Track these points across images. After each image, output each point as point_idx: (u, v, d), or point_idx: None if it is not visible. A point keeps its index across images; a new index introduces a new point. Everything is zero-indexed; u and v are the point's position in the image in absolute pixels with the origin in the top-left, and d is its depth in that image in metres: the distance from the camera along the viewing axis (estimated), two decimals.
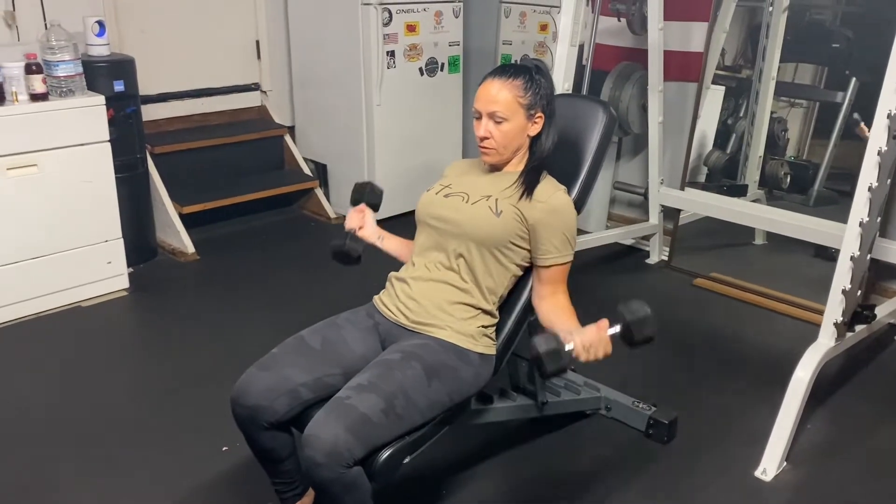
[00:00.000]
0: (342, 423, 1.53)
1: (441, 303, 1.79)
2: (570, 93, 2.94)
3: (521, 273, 1.87)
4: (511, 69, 1.82)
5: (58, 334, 2.97)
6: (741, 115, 3.78)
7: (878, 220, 2.25)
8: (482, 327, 1.81)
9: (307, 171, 4.33)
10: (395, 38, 3.89)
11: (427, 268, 1.84)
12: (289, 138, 4.37)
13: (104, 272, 3.23)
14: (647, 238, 3.76)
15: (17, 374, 2.72)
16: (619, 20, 3.70)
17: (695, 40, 3.57)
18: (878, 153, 2.11)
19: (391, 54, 3.90)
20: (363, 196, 2.00)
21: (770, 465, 2.19)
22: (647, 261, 3.72)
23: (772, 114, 3.64)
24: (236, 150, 4.16)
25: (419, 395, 1.65)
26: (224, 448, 2.24)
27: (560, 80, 2.87)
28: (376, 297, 1.92)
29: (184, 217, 3.73)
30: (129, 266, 3.33)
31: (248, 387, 1.70)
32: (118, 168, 3.22)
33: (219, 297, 3.33)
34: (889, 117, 2.09)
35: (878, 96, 2.12)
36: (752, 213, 3.35)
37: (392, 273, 1.94)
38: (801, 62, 3.71)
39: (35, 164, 2.95)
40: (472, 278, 1.81)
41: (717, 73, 3.65)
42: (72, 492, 2.12)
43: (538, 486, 2.17)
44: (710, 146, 3.77)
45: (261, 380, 1.70)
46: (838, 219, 2.27)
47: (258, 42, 4.31)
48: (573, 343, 1.57)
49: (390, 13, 3.83)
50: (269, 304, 3.23)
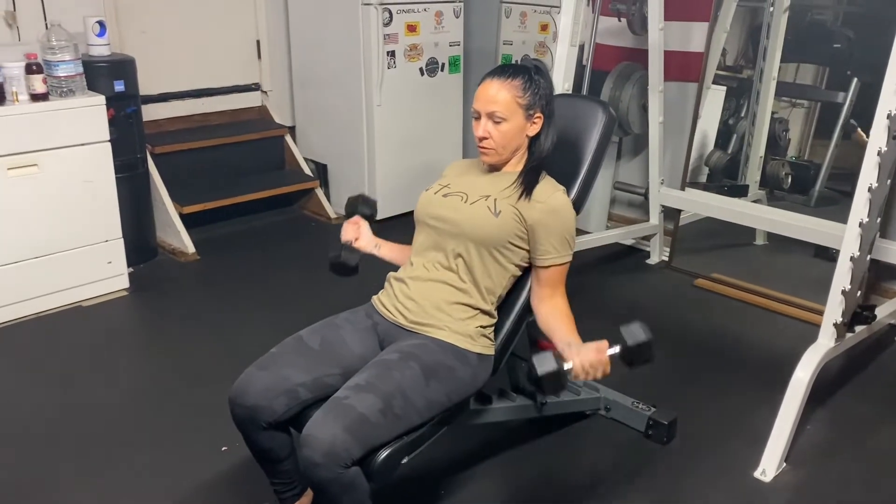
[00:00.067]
0: (340, 423, 1.53)
1: (439, 303, 1.79)
2: (570, 93, 2.94)
3: (519, 273, 1.86)
4: (510, 69, 1.82)
5: (58, 334, 2.97)
6: (742, 115, 3.77)
7: (878, 220, 2.24)
8: (480, 327, 1.81)
9: (307, 171, 4.33)
10: (395, 39, 3.89)
11: (425, 268, 1.84)
12: (289, 138, 4.37)
13: (104, 272, 3.23)
14: (647, 238, 3.76)
15: (17, 374, 2.72)
16: (619, 20, 3.70)
17: (695, 40, 3.57)
18: (878, 153, 2.10)
19: (391, 54, 3.90)
20: (356, 208, 2.04)
21: (769, 466, 2.19)
22: (648, 261, 3.72)
23: (773, 114, 3.64)
24: (237, 150, 4.16)
25: (417, 395, 1.65)
26: (224, 448, 2.25)
27: (560, 80, 2.86)
28: (375, 297, 1.92)
29: (184, 217, 3.74)
30: (129, 266, 3.33)
31: (247, 386, 1.70)
32: (118, 168, 3.22)
33: (219, 297, 3.33)
34: (889, 118, 2.08)
35: (879, 96, 2.11)
36: (753, 213, 3.34)
37: (391, 273, 1.94)
38: (802, 62, 3.71)
39: (35, 164, 2.96)
40: (470, 278, 1.81)
41: (719, 73, 3.64)
42: (72, 492, 2.12)
43: (537, 487, 2.17)
44: (711, 146, 3.77)
45: (259, 380, 1.70)
46: (839, 219, 2.27)
47: (259, 42, 4.32)
48: (572, 363, 1.60)
49: (391, 13, 3.83)
50: (269, 304, 3.23)
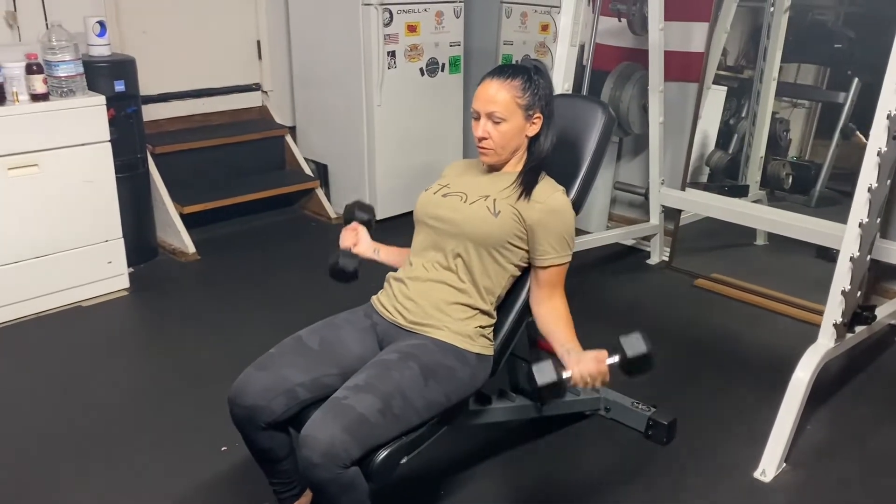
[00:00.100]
0: (339, 424, 1.53)
1: (438, 303, 1.79)
2: (569, 93, 2.94)
3: (518, 273, 1.86)
4: (509, 69, 1.82)
5: (58, 334, 2.97)
6: (743, 115, 3.77)
7: (878, 220, 2.24)
8: (479, 327, 1.81)
9: (308, 171, 4.33)
10: (395, 39, 3.89)
11: (425, 268, 1.84)
12: (289, 138, 4.37)
13: (105, 272, 3.23)
14: (647, 238, 3.76)
15: (17, 374, 2.72)
16: (619, 20, 3.69)
17: (695, 40, 3.57)
18: (878, 154, 2.10)
19: (392, 54, 3.90)
20: (353, 214, 2.06)
21: (769, 467, 2.18)
22: (648, 261, 3.71)
23: (774, 114, 3.64)
24: (237, 151, 4.16)
25: (416, 395, 1.65)
26: (223, 448, 2.25)
27: (560, 81, 2.86)
28: (374, 297, 1.93)
29: (184, 217, 3.74)
30: (129, 266, 3.33)
31: (246, 387, 1.70)
32: (119, 168, 3.22)
33: (219, 297, 3.33)
34: (889, 118, 2.08)
35: (879, 97, 2.11)
36: (753, 213, 3.34)
37: (390, 273, 1.94)
38: (803, 62, 3.70)
39: (36, 164, 2.96)
40: (469, 278, 1.81)
41: (720, 73, 3.64)
42: (72, 492, 2.12)
43: (537, 487, 2.17)
44: (712, 146, 3.76)
45: (258, 380, 1.70)
46: (840, 220, 2.27)
47: (259, 42, 4.32)
48: (572, 372, 1.62)
49: (391, 13, 3.83)
50: (269, 304, 3.23)
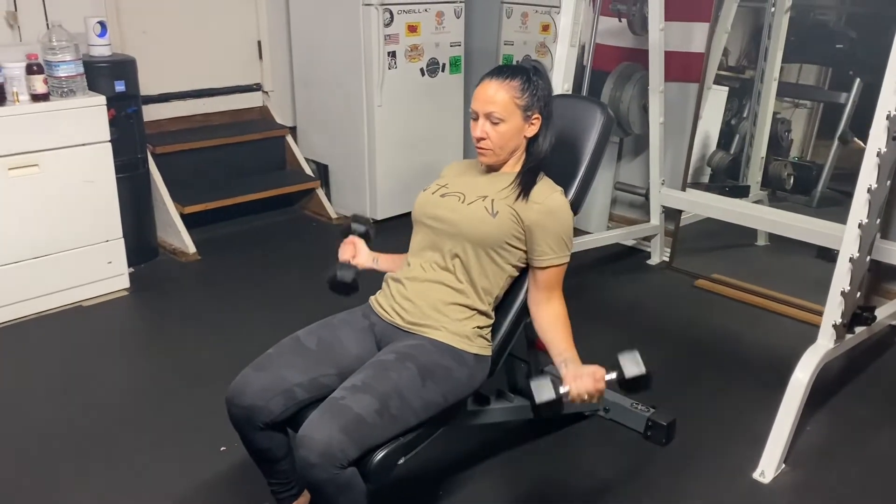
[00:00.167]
0: (336, 424, 1.54)
1: (436, 303, 1.79)
2: (569, 93, 2.94)
3: (517, 274, 1.86)
4: (508, 70, 1.82)
5: (58, 334, 2.98)
6: (744, 115, 3.76)
7: (878, 221, 2.24)
8: (477, 328, 1.81)
9: (308, 171, 4.33)
10: (396, 39, 3.89)
11: (422, 268, 1.84)
12: (290, 138, 4.37)
13: (105, 272, 3.24)
14: (648, 239, 3.76)
15: (17, 374, 2.72)
16: (619, 20, 3.69)
17: (696, 41, 3.57)
18: (878, 154, 2.10)
19: (392, 55, 3.90)
20: (350, 228, 2.06)
21: (768, 467, 2.18)
22: (649, 262, 3.71)
23: (775, 114, 3.63)
24: (238, 151, 4.17)
25: (414, 395, 1.65)
26: (222, 448, 2.25)
27: (560, 81, 2.86)
28: (372, 297, 1.93)
29: (185, 217, 3.74)
30: (129, 266, 3.34)
31: (244, 387, 1.71)
32: (119, 168, 3.23)
33: (219, 297, 3.34)
34: (889, 118, 2.08)
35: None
36: (753, 214, 3.33)
37: (388, 274, 1.94)
38: (804, 63, 3.70)
39: (36, 164, 2.96)
40: (467, 279, 1.81)
41: (721, 73, 3.64)
42: (72, 492, 2.12)
43: (535, 488, 2.17)
44: (713, 147, 3.76)
45: (256, 380, 1.70)
46: (841, 220, 2.27)
47: (260, 42, 4.32)
48: (569, 389, 1.63)
49: (391, 14, 3.83)
50: (269, 304, 3.23)
